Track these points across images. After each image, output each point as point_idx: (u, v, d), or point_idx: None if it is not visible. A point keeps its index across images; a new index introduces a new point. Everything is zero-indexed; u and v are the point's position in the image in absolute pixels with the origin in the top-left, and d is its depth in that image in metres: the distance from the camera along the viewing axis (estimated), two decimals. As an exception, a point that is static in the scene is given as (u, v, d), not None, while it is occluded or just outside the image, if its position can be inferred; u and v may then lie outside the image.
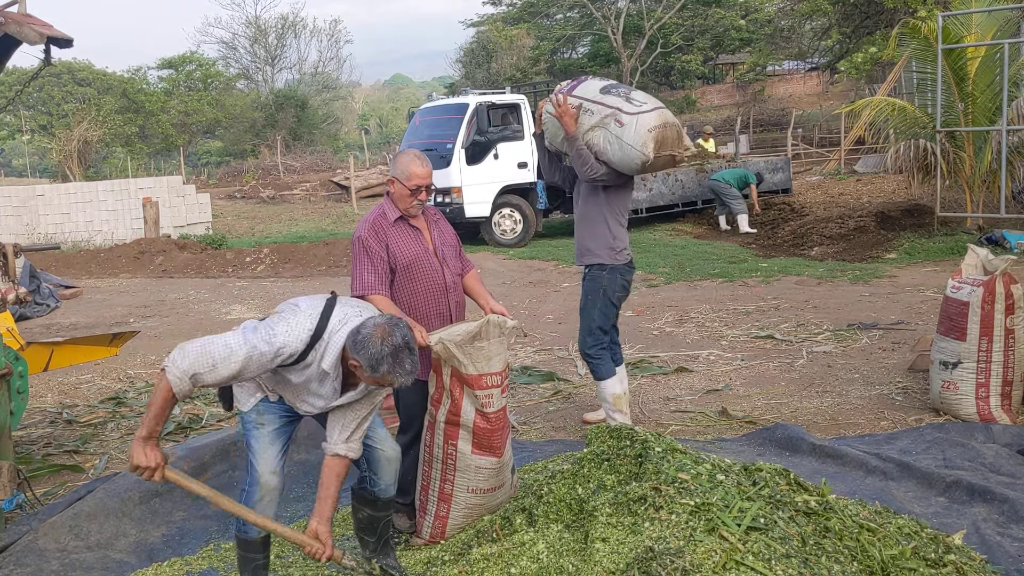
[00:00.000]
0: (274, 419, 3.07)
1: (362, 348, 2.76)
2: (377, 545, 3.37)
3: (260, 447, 3.04)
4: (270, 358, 2.78)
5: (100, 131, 32.73)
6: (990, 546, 3.32)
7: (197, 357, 2.72)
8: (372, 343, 2.74)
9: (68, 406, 6.19)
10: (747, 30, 40.73)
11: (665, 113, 4.58)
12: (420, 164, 3.66)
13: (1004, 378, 4.77)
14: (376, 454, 3.24)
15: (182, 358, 2.72)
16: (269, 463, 3.05)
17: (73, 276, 13.40)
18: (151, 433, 2.80)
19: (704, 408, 5.43)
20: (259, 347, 2.76)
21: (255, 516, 2.97)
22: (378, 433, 3.24)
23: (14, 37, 3.87)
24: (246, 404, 3.06)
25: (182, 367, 2.71)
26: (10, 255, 4.85)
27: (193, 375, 2.72)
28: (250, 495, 3.06)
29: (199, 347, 2.74)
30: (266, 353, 2.76)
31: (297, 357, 2.82)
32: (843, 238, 12.73)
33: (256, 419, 3.05)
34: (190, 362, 2.71)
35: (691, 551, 2.55)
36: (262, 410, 3.05)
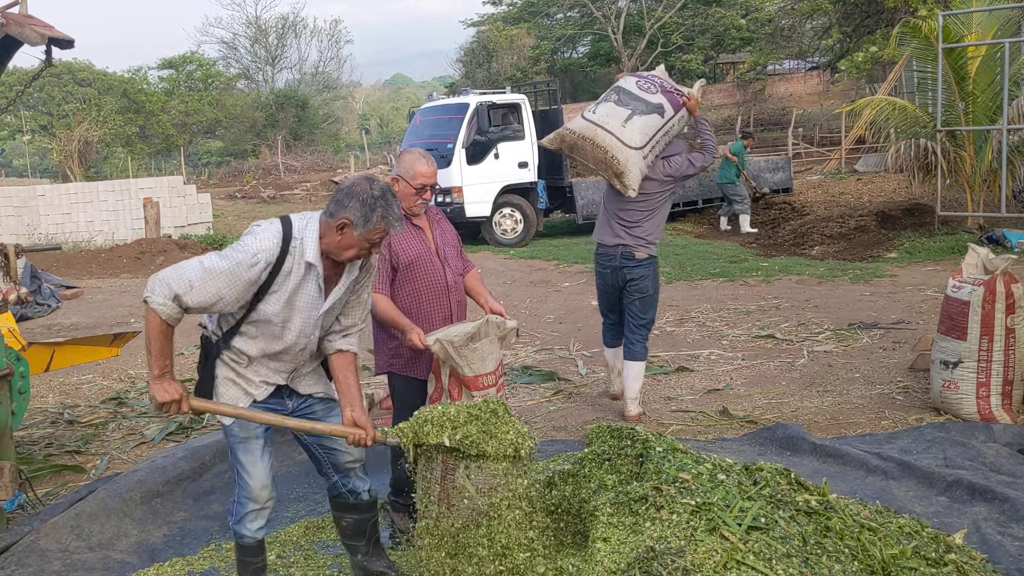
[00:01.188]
0: (258, 431, 2.99)
1: (351, 199, 2.76)
2: (368, 548, 3.33)
3: (249, 461, 3.00)
4: (247, 268, 2.72)
5: (101, 131, 32.73)
6: (991, 545, 3.32)
7: (174, 280, 2.70)
8: (360, 191, 2.76)
9: (69, 406, 6.19)
10: (747, 29, 40.72)
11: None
12: (425, 163, 3.66)
13: (1005, 377, 4.77)
14: (339, 457, 3.17)
15: (159, 284, 2.71)
16: (261, 478, 3.02)
17: (74, 276, 13.41)
18: (163, 370, 2.77)
19: (705, 408, 5.43)
20: (234, 258, 2.73)
21: (295, 422, 2.95)
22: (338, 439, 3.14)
23: (15, 38, 3.88)
24: (226, 419, 2.98)
25: (162, 292, 2.70)
26: (11, 255, 4.85)
27: (175, 296, 2.70)
28: (242, 507, 3.04)
29: (173, 271, 2.73)
30: (242, 263, 2.72)
31: (274, 265, 2.77)
32: (844, 237, 12.74)
33: (240, 433, 2.97)
34: (167, 285, 2.70)
35: (692, 551, 2.55)
36: (245, 426, 2.97)
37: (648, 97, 5.02)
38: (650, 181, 5.10)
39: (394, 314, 3.62)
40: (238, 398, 2.97)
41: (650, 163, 5.05)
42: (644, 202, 5.14)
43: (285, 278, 2.81)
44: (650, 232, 5.19)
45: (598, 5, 40.34)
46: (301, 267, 2.82)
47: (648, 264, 5.20)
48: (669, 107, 5.02)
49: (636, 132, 4.96)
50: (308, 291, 2.86)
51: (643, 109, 4.99)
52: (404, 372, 3.78)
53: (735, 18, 40.62)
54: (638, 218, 5.17)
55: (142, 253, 14.63)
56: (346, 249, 2.83)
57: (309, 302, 2.87)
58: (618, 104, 5.05)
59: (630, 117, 4.97)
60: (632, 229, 5.17)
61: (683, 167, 5.17)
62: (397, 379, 3.82)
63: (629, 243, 5.16)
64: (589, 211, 15.25)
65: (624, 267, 5.18)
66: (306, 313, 2.89)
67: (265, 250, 2.75)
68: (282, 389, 3.05)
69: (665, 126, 5.03)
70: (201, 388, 2.98)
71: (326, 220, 2.82)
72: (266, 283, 2.79)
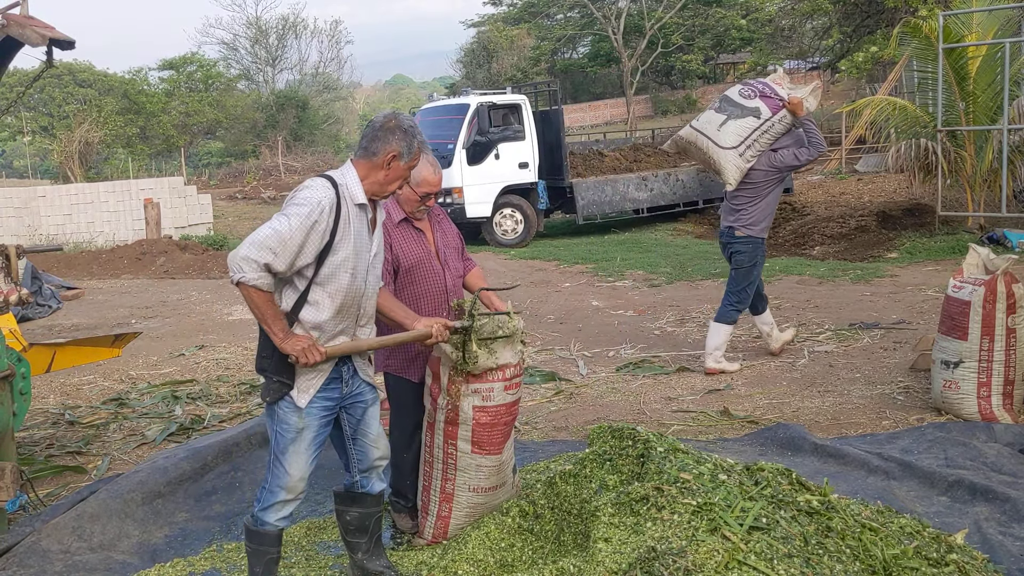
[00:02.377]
0: (314, 423, 3.02)
1: (391, 133, 2.97)
2: (369, 545, 3.33)
3: (295, 451, 3.01)
4: (317, 216, 2.84)
5: (101, 132, 32.74)
6: (992, 545, 3.32)
7: (256, 253, 2.79)
8: (396, 125, 2.99)
9: (70, 407, 6.20)
10: (748, 30, 40.72)
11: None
12: (433, 172, 3.63)
13: (1006, 377, 4.77)
14: (369, 453, 3.24)
15: (245, 262, 2.79)
16: (301, 469, 3.04)
17: (75, 277, 13.41)
18: (284, 329, 2.88)
19: (706, 408, 5.43)
20: (301, 212, 2.83)
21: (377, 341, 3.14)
22: (372, 432, 3.24)
23: (16, 39, 3.88)
24: (301, 399, 2.99)
25: (251, 268, 2.78)
26: (12, 256, 4.85)
27: (265, 266, 2.79)
28: (272, 496, 3.05)
29: (250, 247, 2.80)
30: (311, 215, 2.83)
31: (336, 210, 2.89)
32: (844, 237, 12.74)
33: (297, 423, 2.99)
34: (252, 261, 2.78)
35: (693, 551, 2.55)
36: (305, 414, 2.99)
37: (745, 102, 5.87)
38: (755, 171, 5.90)
39: (399, 309, 3.60)
40: (313, 375, 3.00)
41: (749, 158, 5.84)
42: (749, 190, 5.95)
43: (346, 224, 2.94)
44: (754, 216, 5.98)
45: (598, 5, 40.35)
46: (354, 210, 2.97)
47: (746, 242, 5.99)
48: (766, 110, 5.81)
49: (730, 134, 5.82)
50: (363, 234, 3.02)
51: (738, 113, 5.85)
52: (399, 373, 3.78)
53: (735, 18, 40.64)
54: (744, 203, 5.99)
55: (143, 254, 14.63)
56: (393, 182, 3.02)
57: (363, 245, 3.02)
58: (717, 111, 5.96)
59: (725, 122, 5.86)
60: (737, 212, 6.02)
61: (788, 159, 5.90)
62: (393, 379, 3.82)
63: (733, 224, 6.04)
64: (589, 211, 15.26)
65: (728, 243, 6.10)
66: (363, 256, 3.02)
67: (324, 197, 2.89)
68: (342, 370, 3.09)
69: (762, 126, 5.81)
70: (277, 373, 2.96)
71: (366, 161, 3.00)
72: (332, 231, 2.90)
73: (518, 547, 3.35)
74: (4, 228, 18.05)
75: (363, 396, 3.20)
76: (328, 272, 2.94)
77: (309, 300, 2.95)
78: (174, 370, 7.23)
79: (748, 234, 5.97)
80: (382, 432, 3.30)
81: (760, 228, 6.01)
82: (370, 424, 3.23)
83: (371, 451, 3.24)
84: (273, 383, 2.98)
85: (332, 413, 3.10)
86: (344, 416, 3.19)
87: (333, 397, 3.07)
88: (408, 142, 2.98)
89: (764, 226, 6.05)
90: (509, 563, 3.25)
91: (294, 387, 2.98)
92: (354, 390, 3.16)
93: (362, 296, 3.06)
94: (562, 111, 15.65)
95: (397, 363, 3.78)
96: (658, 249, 13.16)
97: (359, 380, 3.18)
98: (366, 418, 3.22)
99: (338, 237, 2.92)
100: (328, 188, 2.92)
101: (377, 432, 3.26)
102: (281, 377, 2.97)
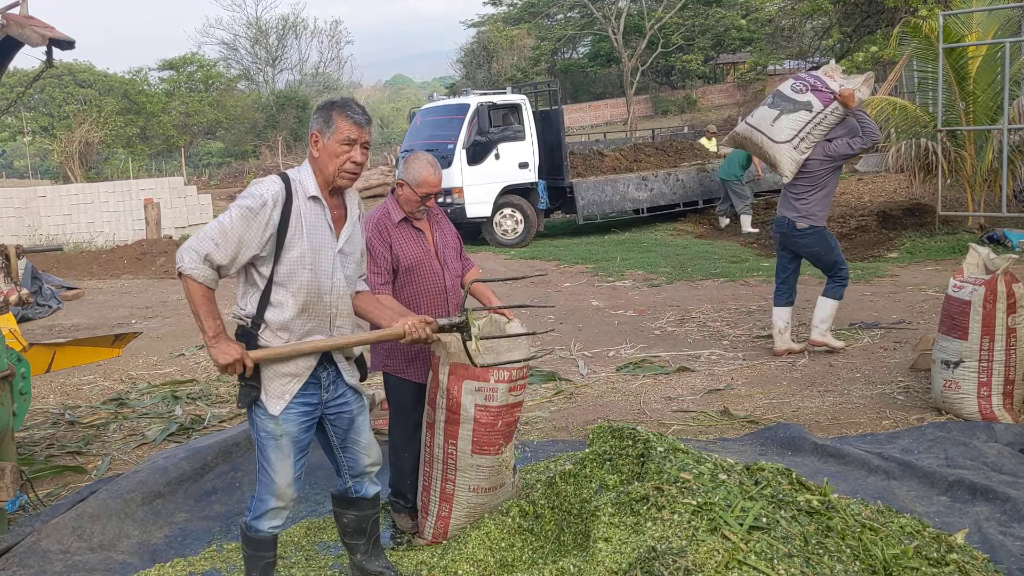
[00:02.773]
0: (293, 429, 2.96)
1: (312, 118, 2.98)
2: (367, 547, 3.31)
3: (278, 458, 2.96)
4: (259, 208, 2.83)
5: (101, 132, 32.77)
6: (992, 545, 3.32)
7: (198, 244, 2.81)
8: (319, 105, 2.99)
9: (70, 407, 6.20)
10: (748, 29, 40.71)
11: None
12: (433, 172, 3.63)
13: (1006, 377, 4.77)
14: (359, 460, 3.19)
15: (186, 252, 2.82)
16: (287, 475, 2.98)
17: (75, 277, 13.41)
18: (216, 331, 2.84)
19: (706, 408, 5.43)
20: (244, 204, 2.84)
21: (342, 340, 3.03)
22: (363, 440, 3.18)
23: (16, 39, 3.88)
24: (274, 406, 2.93)
25: (191, 258, 2.80)
26: (12, 256, 4.86)
27: (205, 257, 2.80)
28: (262, 504, 3.01)
29: (194, 239, 2.83)
30: (252, 207, 2.83)
31: (284, 204, 2.87)
32: (844, 237, 12.73)
33: (274, 430, 2.94)
34: (194, 251, 2.80)
35: (693, 551, 2.55)
36: (281, 421, 2.94)
37: (797, 97, 6.09)
38: (811, 161, 6.09)
39: (400, 310, 3.61)
40: (287, 381, 2.94)
41: (803, 150, 6.04)
42: (806, 180, 6.13)
43: (298, 219, 2.91)
44: (812, 205, 6.15)
45: (598, 5, 40.35)
46: (308, 204, 2.93)
47: (810, 233, 6.17)
48: (818, 103, 6.01)
49: (783, 129, 6.04)
50: (321, 229, 2.96)
51: (790, 108, 6.06)
52: (399, 374, 3.78)
53: (735, 18, 40.63)
54: (802, 193, 6.16)
55: (143, 254, 14.63)
56: (329, 162, 2.93)
57: (324, 240, 2.96)
58: (770, 107, 6.20)
59: (778, 117, 6.08)
60: (796, 202, 6.19)
61: (842, 149, 6.08)
62: (392, 380, 3.82)
63: (791, 215, 6.21)
64: (589, 211, 15.25)
65: (790, 235, 6.25)
66: (324, 252, 2.96)
67: (269, 191, 2.88)
68: (321, 375, 3.02)
69: (815, 119, 6.00)
70: (244, 377, 2.92)
71: (309, 155, 3.00)
72: (282, 228, 2.88)
73: (518, 547, 3.35)
74: (4, 228, 18.05)
75: (348, 404, 3.11)
76: (287, 271, 2.90)
77: (272, 301, 2.92)
78: (174, 370, 7.23)
79: (810, 224, 6.16)
80: (373, 439, 3.23)
81: (820, 217, 6.18)
82: (360, 432, 3.16)
83: (362, 459, 3.19)
84: (243, 388, 2.94)
85: (312, 418, 3.02)
86: (329, 426, 3.11)
87: (312, 403, 3.00)
88: (324, 116, 2.92)
89: (824, 215, 6.23)
90: (509, 563, 3.25)
91: (263, 392, 2.92)
92: (336, 396, 3.07)
93: (329, 294, 2.98)
94: (562, 111, 15.63)
95: (397, 364, 3.77)
96: (658, 249, 13.15)
97: (342, 385, 3.09)
98: (355, 427, 3.14)
99: (290, 232, 2.88)
100: (275, 182, 2.91)
101: (368, 440, 3.19)
102: (248, 380, 2.92)
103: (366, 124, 2.96)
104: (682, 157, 17.29)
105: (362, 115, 2.96)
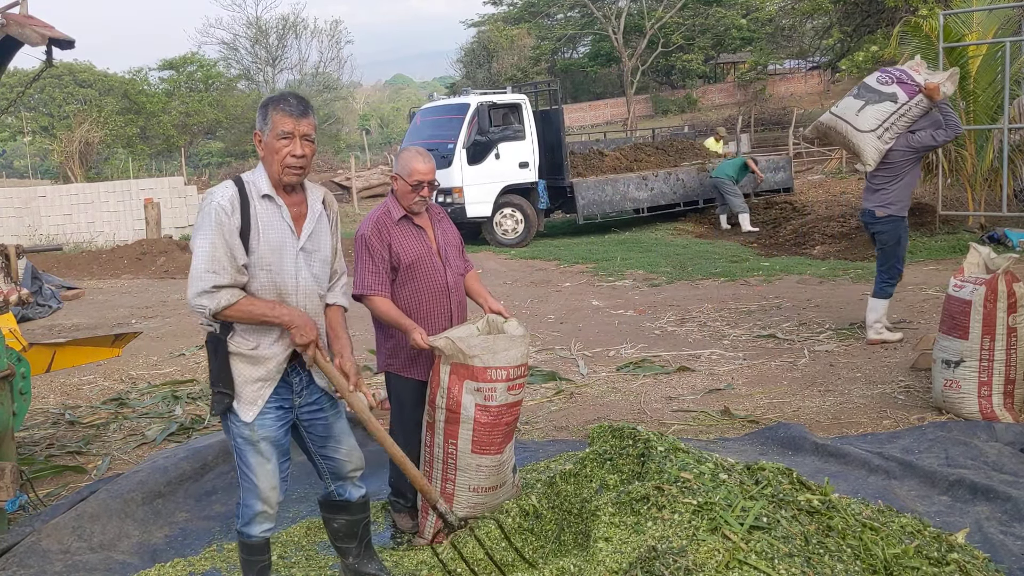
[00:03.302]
0: (270, 433, 2.94)
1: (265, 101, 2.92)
2: (359, 550, 3.30)
3: (258, 463, 2.94)
4: (224, 217, 2.79)
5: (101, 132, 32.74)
6: (993, 545, 3.32)
7: (199, 283, 2.77)
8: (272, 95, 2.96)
9: (70, 407, 6.19)
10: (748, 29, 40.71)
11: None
12: (422, 160, 3.67)
13: (1007, 376, 4.77)
14: (341, 466, 3.16)
15: (200, 297, 2.78)
16: (270, 479, 2.97)
17: (75, 277, 13.41)
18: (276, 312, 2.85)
19: (706, 407, 5.43)
20: (207, 222, 2.79)
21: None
22: (344, 448, 3.16)
23: (16, 38, 3.88)
24: (247, 413, 2.91)
25: (209, 299, 2.77)
26: (12, 256, 4.85)
27: (214, 287, 2.76)
28: (249, 509, 2.99)
29: (195, 284, 2.79)
30: (216, 217, 2.78)
31: (241, 206, 2.84)
32: (845, 237, 12.72)
33: (250, 435, 2.92)
34: (203, 291, 2.77)
35: (694, 550, 2.54)
36: (256, 427, 2.91)
37: (882, 88, 6.23)
38: (894, 152, 6.20)
39: (395, 315, 3.62)
40: (259, 386, 2.91)
41: (887, 140, 6.16)
42: (888, 170, 6.24)
43: (256, 220, 2.87)
44: (893, 195, 6.27)
45: (598, 5, 40.35)
46: (263, 203, 2.90)
47: (887, 221, 6.30)
48: (903, 94, 6.15)
49: (868, 118, 6.16)
50: (279, 228, 2.91)
51: (875, 99, 6.20)
52: (401, 372, 3.79)
53: (735, 18, 40.62)
54: (883, 183, 6.30)
55: (143, 254, 14.63)
56: (271, 156, 2.88)
57: (284, 239, 2.91)
58: (855, 97, 6.33)
59: (863, 107, 6.21)
60: (877, 192, 6.33)
61: (925, 140, 6.20)
62: (394, 379, 3.83)
63: (872, 205, 6.36)
64: (590, 211, 15.25)
65: (869, 223, 6.46)
66: (286, 251, 2.92)
67: (220, 196, 2.84)
68: (292, 380, 2.99)
69: (899, 110, 6.13)
70: (219, 384, 2.90)
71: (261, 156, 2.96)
72: (244, 230, 2.84)
73: (518, 547, 3.35)
74: (4, 228, 18.05)
75: (322, 410, 3.07)
76: (250, 276, 2.87)
77: None
78: (174, 370, 7.22)
79: (889, 213, 6.27)
80: (355, 444, 3.20)
81: (900, 207, 6.30)
82: (340, 439, 3.13)
83: (344, 465, 3.16)
84: (216, 395, 2.91)
85: (287, 421, 3.00)
86: (304, 432, 3.08)
87: (285, 406, 2.97)
88: (262, 114, 2.89)
89: (903, 205, 6.33)
90: (509, 563, 3.25)
91: (236, 399, 2.89)
92: (309, 400, 3.04)
93: (294, 294, 2.93)
94: (562, 111, 15.63)
95: (399, 363, 3.78)
96: (658, 249, 13.15)
97: (316, 390, 3.05)
98: (334, 433, 3.11)
99: (251, 234, 2.85)
100: (225, 187, 2.88)
101: (349, 446, 3.16)
102: (220, 387, 2.89)
103: (302, 115, 2.86)
104: (682, 157, 17.30)
105: (296, 106, 2.87)
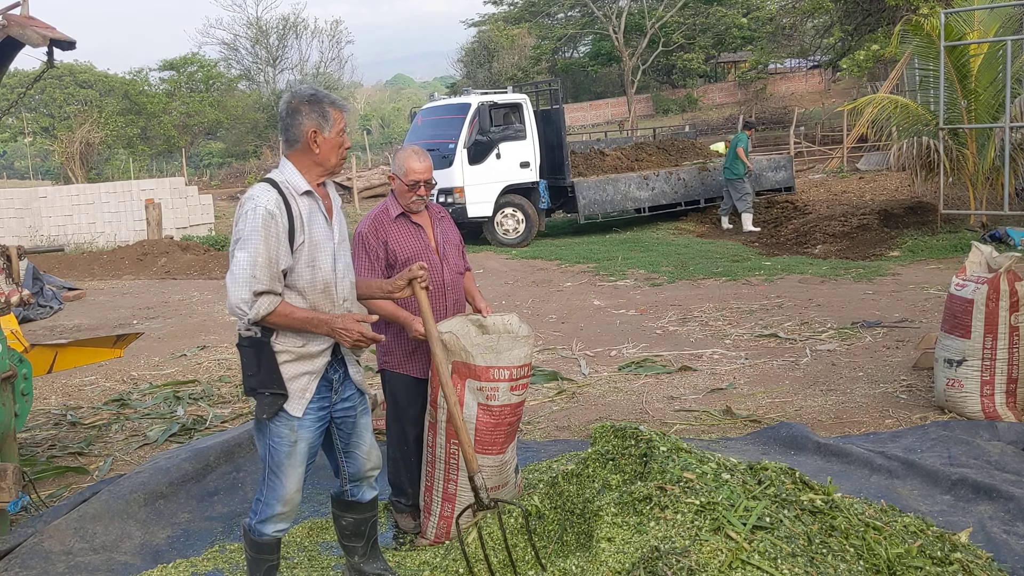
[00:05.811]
0: (307, 435, 2.95)
1: (298, 113, 2.89)
2: (366, 549, 3.31)
3: (290, 464, 2.95)
4: (270, 222, 2.78)
5: (102, 133, 32.79)
6: (996, 544, 3.31)
7: (241, 290, 2.76)
8: (298, 102, 2.90)
9: (72, 408, 6.20)
10: (749, 28, 40.70)
11: None
12: (418, 159, 3.68)
13: (1009, 375, 4.76)
14: (359, 465, 3.19)
15: (240, 304, 2.77)
16: (297, 481, 2.98)
17: (76, 278, 13.41)
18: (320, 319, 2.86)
19: (708, 407, 5.43)
20: (252, 226, 2.78)
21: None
22: (365, 445, 3.18)
23: (17, 39, 3.88)
24: (296, 407, 2.91)
25: (255, 305, 2.76)
26: (13, 257, 4.85)
27: (255, 295, 2.76)
28: (268, 508, 2.99)
29: (234, 287, 2.77)
30: (265, 223, 2.78)
31: (286, 208, 2.84)
32: (846, 236, 12.73)
33: (289, 435, 2.92)
34: (242, 300, 2.76)
35: (697, 550, 2.54)
36: (297, 426, 2.92)
37: None
38: None
39: (392, 309, 3.61)
40: (307, 379, 2.93)
41: None
42: None
43: (300, 219, 2.89)
44: None
45: (599, 5, 40.34)
46: (304, 200, 2.91)
47: None
48: None
49: None
50: (319, 222, 2.95)
51: None
52: (398, 369, 3.79)
53: (736, 17, 40.62)
54: None
55: (144, 255, 14.63)
56: (331, 153, 2.94)
57: (323, 233, 2.95)
58: None
59: None
60: None
61: None
62: (389, 375, 3.83)
63: None
64: (591, 211, 15.25)
65: None
66: (325, 245, 2.96)
67: (268, 200, 2.82)
68: (332, 377, 3.01)
69: None
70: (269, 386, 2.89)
71: (295, 151, 2.93)
72: (291, 232, 2.85)
73: (520, 547, 3.34)
74: (5, 229, 18.06)
75: (353, 407, 3.11)
76: (295, 273, 2.88)
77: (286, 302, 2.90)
78: (176, 371, 7.22)
79: None
80: (375, 444, 3.23)
81: None
82: (362, 436, 3.16)
83: (363, 463, 3.19)
84: (266, 398, 2.89)
85: (324, 422, 3.03)
86: (335, 428, 3.11)
87: (324, 405, 3.00)
88: (319, 111, 2.90)
89: None
90: (522, 558, 3.24)
91: (289, 396, 2.90)
92: (344, 396, 3.07)
93: (337, 284, 2.99)
94: (563, 110, 15.62)
95: (395, 359, 3.78)
96: (660, 248, 13.14)
97: (350, 385, 3.09)
98: (358, 430, 3.14)
99: (297, 233, 2.87)
100: (269, 191, 2.85)
101: (370, 444, 3.19)
102: (272, 389, 2.88)
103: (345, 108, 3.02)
104: (683, 156, 17.29)
105: (341, 101, 3.01)
